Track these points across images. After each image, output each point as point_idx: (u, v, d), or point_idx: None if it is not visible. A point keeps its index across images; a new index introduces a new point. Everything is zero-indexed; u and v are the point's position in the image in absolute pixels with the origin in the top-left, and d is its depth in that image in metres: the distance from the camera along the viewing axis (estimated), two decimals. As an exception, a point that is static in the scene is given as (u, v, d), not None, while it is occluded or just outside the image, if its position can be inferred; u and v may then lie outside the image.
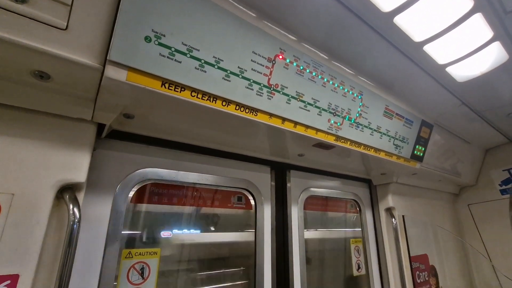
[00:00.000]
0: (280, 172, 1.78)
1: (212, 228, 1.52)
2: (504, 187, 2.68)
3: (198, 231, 1.45)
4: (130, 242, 1.20)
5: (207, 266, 1.47)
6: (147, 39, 0.83)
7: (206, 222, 1.50)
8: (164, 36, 0.86)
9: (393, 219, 2.12)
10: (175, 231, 1.36)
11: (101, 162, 1.15)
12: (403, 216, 2.19)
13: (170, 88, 0.90)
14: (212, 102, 1.00)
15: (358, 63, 1.39)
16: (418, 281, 2.11)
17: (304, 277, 1.64)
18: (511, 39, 1.26)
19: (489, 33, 1.22)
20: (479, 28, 1.19)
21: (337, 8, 1.08)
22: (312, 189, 1.93)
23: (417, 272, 2.14)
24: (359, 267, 2.04)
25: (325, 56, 1.30)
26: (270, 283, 1.49)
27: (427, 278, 2.21)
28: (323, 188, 2.01)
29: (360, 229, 2.18)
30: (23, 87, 0.83)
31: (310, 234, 1.93)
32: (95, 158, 1.13)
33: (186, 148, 1.40)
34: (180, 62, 0.90)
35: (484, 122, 2.16)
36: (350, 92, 1.42)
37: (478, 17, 1.13)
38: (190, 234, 1.41)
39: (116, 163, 1.19)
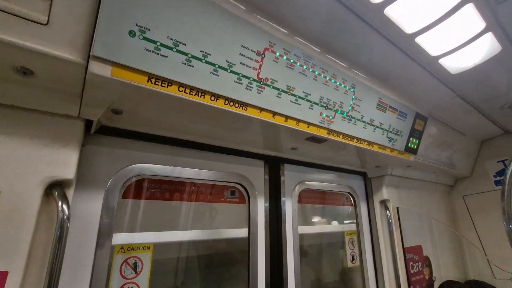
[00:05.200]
0: (274, 166, 1.78)
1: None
2: (498, 178, 2.70)
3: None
4: (123, 237, 1.21)
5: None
6: (131, 33, 0.82)
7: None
8: (149, 30, 0.85)
9: (388, 211, 2.14)
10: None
11: (91, 158, 1.15)
12: (397, 208, 2.20)
13: (156, 83, 0.90)
14: (201, 97, 0.99)
15: (350, 56, 1.38)
16: (412, 271, 2.14)
17: (298, 270, 1.66)
18: (503, 30, 1.25)
19: (481, 24, 1.21)
20: (471, 19, 1.17)
21: (328, 0, 1.06)
22: (306, 182, 1.93)
23: (411, 263, 2.17)
24: (353, 259, 2.07)
25: (316, 49, 1.29)
26: (264, 276, 1.51)
27: (420, 269, 2.24)
28: (317, 181, 2.02)
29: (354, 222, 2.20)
30: (7, 84, 0.82)
31: (305, 228, 1.95)
32: (85, 154, 1.13)
33: (178, 143, 1.40)
34: (166, 56, 0.89)
35: (479, 114, 2.16)
36: (342, 85, 1.41)
37: (469, 8, 1.12)
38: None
39: (106, 159, 1.19)
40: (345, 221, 2.23)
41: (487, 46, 1.35)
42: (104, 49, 0.78)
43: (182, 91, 0.95)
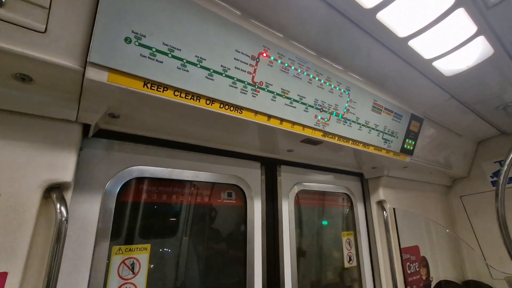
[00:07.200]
0: (270, 167, 1.80)
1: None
2: (495, 178, 2.72)
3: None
4: (120, 238, 1.23)
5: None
6: (127, 40, 0.84)
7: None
8: (145, 36, 0.87)
9: (384, 212, 2.16)
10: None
11: (89, 161, 1.17)
12: (393, 208, 2.22)
13: (152, 88, 0.92)
14: (196, 101, 1.01)
15: (344, 59, 1.40)
16: (409, 271, 2.16)
17: (294, 271, 1.68)
18: (495, 34, 1.26)
19: (473, 28, 1.22)
20: (463, 23, 1.19)
21: (321, 5, 1.08)
22: (303, 183, 1.95)
23: (408, 263, 2.18)
24: (350, 259, 2.09)
25: (311, 53, 1.31)
26: (261, 277, 1.53)
27: (417, 269, 2.26)
28: (314, 182, 2.04)
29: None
30: (6, 90, 0.84)
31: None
32: (83, 157, 1.15)
33: (175, 145, 1.42)
34: (162, 62, 0.91)
35: (474, 115, 2.18)
36: (337, 88, 1.43)
37: (461, 12, 1.14)
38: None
39: (104, 162, 1.21)
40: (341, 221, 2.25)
41: (479, 49, 1.37)
42: (101, 56, 0.81)
43: (177, 95, 0.97)
